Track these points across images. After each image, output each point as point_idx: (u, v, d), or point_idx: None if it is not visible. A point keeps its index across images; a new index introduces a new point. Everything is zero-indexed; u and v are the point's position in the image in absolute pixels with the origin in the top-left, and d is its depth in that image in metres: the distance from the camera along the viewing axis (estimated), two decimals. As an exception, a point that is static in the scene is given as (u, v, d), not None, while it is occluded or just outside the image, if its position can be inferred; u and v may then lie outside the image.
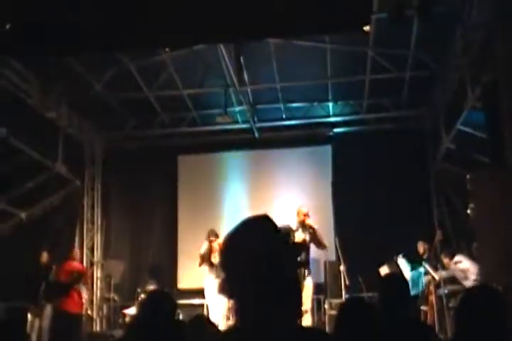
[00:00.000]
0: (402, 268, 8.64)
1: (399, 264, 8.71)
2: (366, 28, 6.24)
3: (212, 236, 9.05)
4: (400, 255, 8.74)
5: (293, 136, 11.20)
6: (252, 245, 1.43)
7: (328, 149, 11.13)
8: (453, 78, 8.63)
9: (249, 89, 10.01)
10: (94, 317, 10.88)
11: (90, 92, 9.69)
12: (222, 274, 1.51)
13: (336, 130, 11.12)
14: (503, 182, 5.99)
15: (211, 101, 10.43)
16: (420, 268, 8.67)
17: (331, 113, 11.03)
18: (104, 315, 10.98)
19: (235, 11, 5.45)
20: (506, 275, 5.42)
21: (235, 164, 11.40)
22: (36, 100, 9.06)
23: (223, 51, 8.04)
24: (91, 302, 10.87)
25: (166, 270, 10.94)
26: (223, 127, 10.91)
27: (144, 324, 3.00)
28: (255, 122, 10.88)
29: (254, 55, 8.81)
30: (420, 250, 9.07)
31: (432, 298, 8.36)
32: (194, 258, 9.26)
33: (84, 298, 9.34)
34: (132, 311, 9.28)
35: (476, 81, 7.35)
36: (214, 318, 8.40)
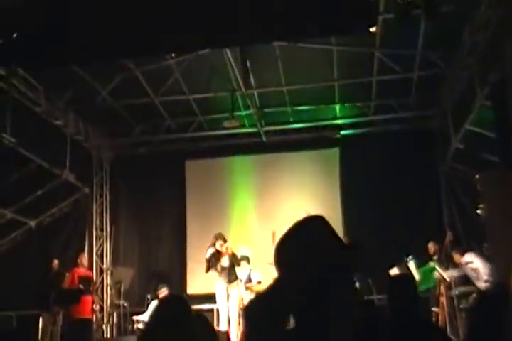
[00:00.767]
0: (412, 270, 8.57)
1: (409, 266, 8.64)
2: (372, 29, 6.21)
3: (220, 239, 8.94)
4: (410, 257, 8.67)
5: (300, 139, 11.16)
6: (314, 244, 1.42)
7: (336, 151, 11.09)
8: (461, 78, 8.58)
9: (255, 92, 9.98)
10: (104, 323, 10.88)
11: (97, 99, 9.72)
12: (278, 272, 1.49)
13: (344, 132, 11.08)
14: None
15: (218, 105, 10.41)
16: (431, 263, 8.60)
17: (339, 115, 10.99)
18: (114, 322, 10.96)
19: (240, 14, 5.45)
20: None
21: (243, 168, 11.37)
22: (43, 108, 9.10)
23: (229, 55, 8.01)
24: (101, 308, 10.87)
25: (175, 275, 10.94)
26: (230, 131, 10.90)
27: (160, 329, 2.97)
28: (262, 126, 10.85)
29: (260, 59, 8.78)
30: (431, 250, 8.98)
31: (443, 300, 8.28)
32: (203, 263, 9.19)
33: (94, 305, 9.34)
34: (143, 317, 9.26)
35: (484, 80, 7.29)
36: (224, 323, 8.37)
